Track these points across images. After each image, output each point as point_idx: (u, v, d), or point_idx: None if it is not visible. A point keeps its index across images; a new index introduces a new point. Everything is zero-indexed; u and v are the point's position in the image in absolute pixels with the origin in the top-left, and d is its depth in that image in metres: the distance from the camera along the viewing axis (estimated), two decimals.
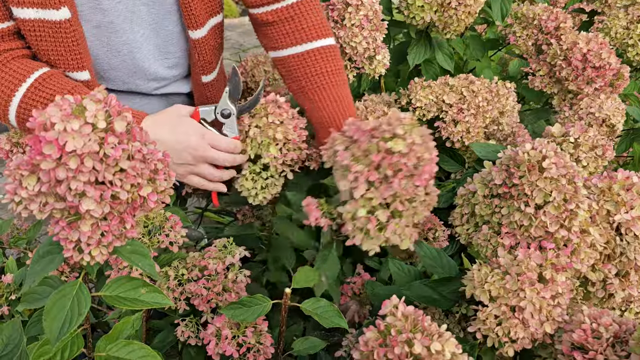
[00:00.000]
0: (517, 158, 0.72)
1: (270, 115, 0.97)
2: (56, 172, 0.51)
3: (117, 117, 0.53)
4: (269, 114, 0.97)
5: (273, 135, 0.97)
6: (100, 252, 0.57)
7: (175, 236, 0.91)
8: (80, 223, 0.54)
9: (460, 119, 1.18)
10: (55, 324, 0.63)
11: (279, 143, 0.99)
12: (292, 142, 0.99)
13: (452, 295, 0.92)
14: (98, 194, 0.53)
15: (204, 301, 0.92)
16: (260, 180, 1.02)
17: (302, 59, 1.03)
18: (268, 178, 1.02)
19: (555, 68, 1.28)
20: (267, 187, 1.02)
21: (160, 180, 0.59)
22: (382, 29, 1.14)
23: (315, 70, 1.03)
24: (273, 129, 0.97)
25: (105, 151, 0.52)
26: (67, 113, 0.51)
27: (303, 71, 1.03)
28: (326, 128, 1.04)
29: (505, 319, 0.66)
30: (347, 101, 1.05)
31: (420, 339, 0.51)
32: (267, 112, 0.97)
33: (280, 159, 0.99)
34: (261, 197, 1.03)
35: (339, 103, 1.03)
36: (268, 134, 0.97)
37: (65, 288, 0.65)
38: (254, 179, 1.02)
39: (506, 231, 0.73)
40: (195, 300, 0.92)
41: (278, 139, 0.98)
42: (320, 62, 1.03)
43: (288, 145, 1.00)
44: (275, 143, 0.98)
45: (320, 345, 0.95)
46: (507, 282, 0.66)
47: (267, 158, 0.99)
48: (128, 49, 1.04)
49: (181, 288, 0.94)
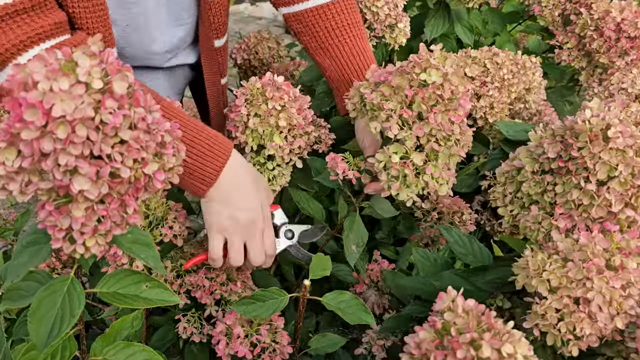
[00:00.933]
0: (576, 127, 0.62)
1: (269, 101, 0.85)
2: (41, 144, 0.41)
3: (116, 76, 0.43)
4: (268, 99, 0.85)
5: (275, 123, 0.86)
6: (97, 242, 0.47)
7: (179, 228, 0.81)
8: (71, 207, 0.45)
9: (484, 92, 1.09)
10: (43, 326, 0.54)
11: (283, 130, 0.87)
12: (297, 127, 0.88)
13: (487, 286, 0.83)
14: (93, 170, 0.43)
15: (207, 293, 0.82)
16: (267, 172, 0.91)
17: (320, 12, 0.94)
18: (274, 168, 0.92)
19: (584, 40, 1.19)
20: (274, 179, 0.92)
21: (168, 156, 0.49)
22: None
23: (335, 23, 0.94)
24: (275, 116, 0.85)
25: (102, 117, 0.42)
26: (53, 69, 0.41)
27: (322, 25, 0.94)
28: (349, 84, 0.95)
29: (568, 312, 0.57)
30: (369, 55, 0.97)
31: (489, 340, 0.42)
32: (266, 98, 0.85)
33: (286, 147, 0.88)
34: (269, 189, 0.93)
35: (363, 57, 0.95)
36: (270, 122, 0.86)
37: (54, 284, 0.56)
38: (259, 171, 0.91)
39: (561, 212, 0.64)
40: (197, 292, 0.83)
41: (281, 127, 0.86)
42: (341, 14, 0.94)
43: (293, 131, 0.88)
44: (279, 131, 0.87)
45: (340, 342, 0.86)
46: (569, 270, 0.57)
47: (272, 149, 0.87)
48: (144, 19, 0.95)
49: (180, 280, 0.84)
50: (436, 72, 0.66)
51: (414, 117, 0.68)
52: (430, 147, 0.69)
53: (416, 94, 0.67)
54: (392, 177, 0.71)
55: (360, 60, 0.95)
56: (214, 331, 0.74)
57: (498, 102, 1.10)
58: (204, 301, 0.84)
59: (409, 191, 0.72)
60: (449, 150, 0.70)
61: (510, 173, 0.72)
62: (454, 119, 0.69)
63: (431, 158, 0.70)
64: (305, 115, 0.88)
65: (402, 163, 0.70)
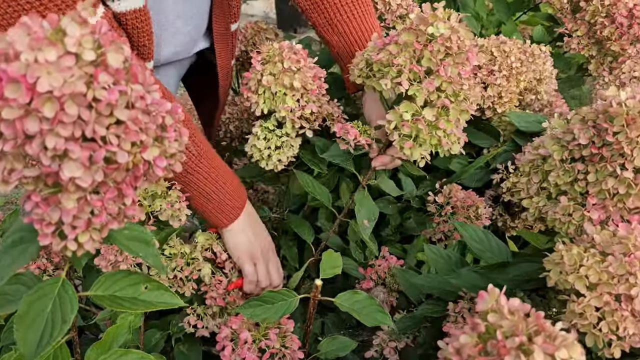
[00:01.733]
0: (611, 110, 0.57)
1: (286, 61, 0.83)
2: (25, 124, 0.36)
3: (110, 47, 0.38)
4: (284, 59, 0.83)
5: (290, 83, 0.83)
6: (91, 237, 0.41)
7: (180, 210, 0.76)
8: (61, 197, 0.39)
9: (491, 81, 1.04)
10: (32, 334, 0.48)
11: (296, 93, 0.85)
12: (311, 93, 0.86)
13: (509, 283, 0.78)
14: (86, 154, 0.37)
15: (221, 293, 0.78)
16: (274, 139, 0.89)
17: None
18: (282, 136, 0.89)
19: (595, 27, 1.14)
20: (281, 147, 0.89)
21: (169, 140, 0.44)
22: None
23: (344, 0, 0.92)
24: (289, 76, 0.83)
25: (95, 93, 0.37)
26: (38, 37, 0.35)
27: (331, 2, 0.92)
28: None
29: (609, 311, 0.52)
30: (378, 31, 0.94)
31: (541, 344, 0.37)
32: (282, 58, 0.83)
33: (298, 111, 0.86)
34: (275, 159, 0.89)
35: (371, 33, 0.93)
36: (284, 82, 0.83)
37: (43, 287, 0.50)
38: (266, 138, 0.89)
39: (594, 202, 0.60)
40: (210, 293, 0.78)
41: (296, 88, 0.84)
42: None
43: (307, 96, 0.86)
44: (292, 93, 0.85)
45: (351, 345, 0.81)
46: (609, 264, 0.52)
47: (283, 111, 0.85)
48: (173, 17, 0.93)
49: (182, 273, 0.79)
50: (443, 25, 0.67)
51: (423, 73, 0.69)
52: (442, 102, 0.70)
53: (425, 47, 0.68)
54: (405, 136, 0.72)
55: (369, 36, 0.92)
56: (218, 336, 0.69)
57: (506, 92, 1.06)
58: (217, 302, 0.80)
59: (422, 150, 0.73)
60: (459, 105, 0.71)
61: (535, 162, 0.67)
62: (462, 73, 0.70)
63: (442, 114, 0.71)
64: (320, 84, 0.87)
65: (414, 120, 0.70)
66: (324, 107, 0.89)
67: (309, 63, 0.85)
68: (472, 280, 0.78)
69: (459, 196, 0.98)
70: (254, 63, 0.84)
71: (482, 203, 0.96)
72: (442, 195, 1.01)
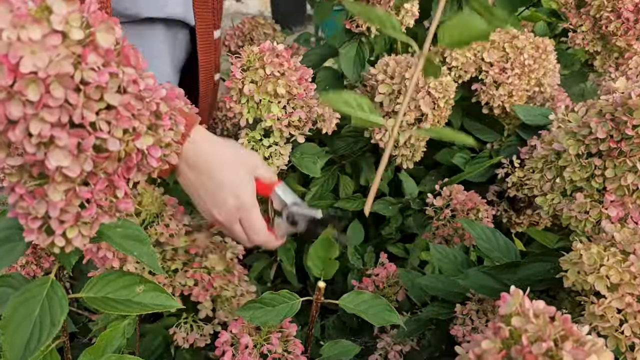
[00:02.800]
0: (630, 102, 0.55)
1: (267, 66, 0.77)
2: (7, 108, 0.33)
3: (99, 27, 0.35)
4: (265, 64, 0.77)
5: (273, 90, 0.77)
6: (80, 232, 0.38)
7: (177, 226, 0.72)
8: (47, 189, 0.36)
9: (503, 80, 1.01)
10: (18, 338, 0.45)
11: (282, 100, 0.79)
12: (298, 98, 0.80)
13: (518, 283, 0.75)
14: (74, 142, 0.34)
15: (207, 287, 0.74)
16: (262, 150, 0.82)
17: None
18: (271, 146, 0.83)
19: (600, 22, 1.12)
20: (271, 158, 0.83)
21: (164, 129, 0.41)
22: None
23: None
24: (273, 82, 0.77)
25: (83, 75, 0.34)
26: (21, 14, 0.32)
27: None
28: None
29: (632, 313, 0.49)
30: None
31: (570, 350, 0.34)
32: (264, 63, 0.77)
33: (285, 119, 0.79)
34: None
35: None
36: (267, 89, 0.77)
37: (31, 288, 0.47)
38: (254, 149, 0.82)
39: (612, 199, 0.57)
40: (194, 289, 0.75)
41: (280, 95, 0.78)
42: None
43: (293, 102, 0.80)
44: (278, 100, 0.79)
45: (354, 350, 0.78)
46: (632, 264, 0.50)
47: (269, 120, 0.79)
48: None
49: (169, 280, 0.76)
50: None
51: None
52: None
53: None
54: None
55: None
56: (218, 341, 0.65)
57: (518, 90, 1.03)
58: (201, 299, 0.76)
59: None
60: None
61: (549, 158, 0.64)
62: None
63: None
64: (308, 86, 0.80)
65: None
66: (313, 110, 0.83)
67: (293, 64, 0.79)
68: (481, 281, 0.75)
69: (459, 198, 0.94)
70: (233, 70, 0.78)
71: (483, 205, 0.93)
72: (442, 197, 0.98)
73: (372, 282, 0.95)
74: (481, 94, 1.03)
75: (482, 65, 1.02)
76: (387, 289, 0.94)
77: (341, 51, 1.05)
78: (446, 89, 0.90)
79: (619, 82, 0.89)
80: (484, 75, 1.02)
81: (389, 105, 0.94)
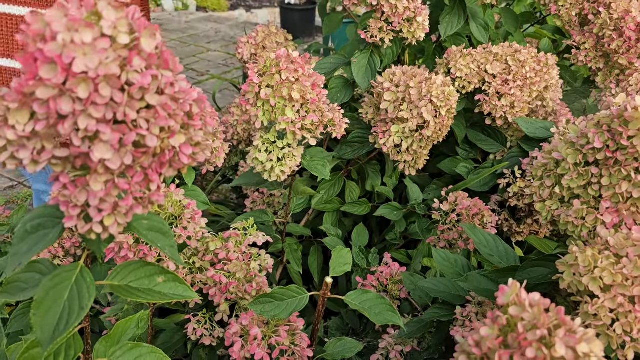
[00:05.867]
0: (626, 114, 0.58)
1: (283, 72, 0.81)
2: (58, 104, 0.36)
3: (144, 32, 0.38)
4: (281, 70, 0.81)
5: (288, 94, 0.82)
6: (116, 220, 0.41)
7: (194, 229, 0.75)
8: (90, 179, 0.39)
9: (505, 91, 1.05)
10: (48, 320, 0.48)
11: (296, 104, 0.83)
12: (311, 103, 0.84)
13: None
14: (116, 137, 0.38)
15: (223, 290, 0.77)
16: (276, 151, 0.86)
17: None
18: (284, 147, 0.87)
19: (603, 40, 1.16)
20: (284, 159, 0.87)
21: (195, 128, 0.44)
22: None
23: None
24: (288, 87, 0.81)
25: (128, 76, 0.37)
26: (75, 19, 0.36)
27: None
28: None
29: (624, 312, 0.52)
30: None
31: (563, 337, 0.37)
32: (280, 69, 0.81)
33: (298, 122, 0.83)
34: (278, 170, 0.87)
35: None
36: (282, 93, 0.81)
37: (61, 273, 0.50)
38: (267, 150, 0.86)
39: (607, 206, 0.60)
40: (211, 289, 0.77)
41: (295, 99, 0.82)
42: None
43: (306, 106, 0.84)
44: (292, 104, 0.83)
45: (357, 347, 0.81)
46: (624, 266, 0.53)
47: (283, 123, 0.83)
48: None
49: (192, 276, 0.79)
50: None
51: None
52: None
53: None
54: None
55: None
56: (228, 332, 0.68)
57: (520, 101, 1.07)
58: (217, 300, 0.79)
59: None
60: None
61: (548, 166, 0.67)
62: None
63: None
64: (320, 92, 0.84)
65: None
66: (325, 115, 0.87)
67: (307, 71, 0.83)
68: (481, 284, 0.78)
69: (464, 204, 0.98)
70: (250, 75, 0.82)
71: (488, 211, 0.96)
72: (448, 202, 1.01)
73: (376, 279, 0.99)
74: (484, 104, 1.07)
75: (486, 76, 1.05)
76: (392, 285, 0.98)
77: (353, 60, 1.09)
78: (448, 98, 0.94)
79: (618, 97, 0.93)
80: (487, 87, 1.06)
81: (393, 111, 0.98)
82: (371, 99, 1.07)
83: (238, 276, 0.75)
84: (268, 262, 0.81)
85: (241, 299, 0.80)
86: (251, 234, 0.82)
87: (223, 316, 0.81)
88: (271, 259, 0.82)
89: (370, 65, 1.08)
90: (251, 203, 1.25)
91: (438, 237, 1.01)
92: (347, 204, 1.17)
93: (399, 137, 0.98)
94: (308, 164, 0.92)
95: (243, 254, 0.80)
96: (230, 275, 0.75)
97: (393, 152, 1.03)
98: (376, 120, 1.05)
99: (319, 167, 0.93)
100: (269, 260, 0.81)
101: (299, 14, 4.75)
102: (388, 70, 1.02)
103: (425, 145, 1.01)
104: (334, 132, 0.92)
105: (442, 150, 1.25)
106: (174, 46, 4.66)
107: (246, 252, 0.81)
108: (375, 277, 1.00)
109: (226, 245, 0.77)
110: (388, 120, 1.00)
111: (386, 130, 1.00)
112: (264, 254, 0.81)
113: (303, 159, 0.91)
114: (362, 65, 1.08)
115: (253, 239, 0.80)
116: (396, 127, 0.98)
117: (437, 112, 0.94)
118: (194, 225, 0.76)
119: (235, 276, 0.74)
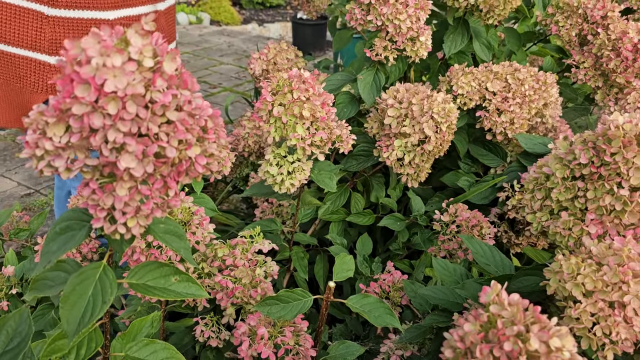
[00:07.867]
0: (609, 133, 0.62)
1: (295, 91, 0.86)
2: (91, 119, 0.41)
3: (166, 56, 0.44)
4: (293, 89, 0.86)
5: (300, 112, 0.87)
6: (138, 222, 0.46)
7: (202, 234, 0.80)
8: (115, 185, 0.44)
9: (505, 108, 1.09)
10: (74, 313, 0.53)
11: (306, 122, 0.89)
12: (320, 120, 0.90)
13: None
14: (140, 148, 0.43)
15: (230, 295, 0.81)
16: (286, 165, 0.92)
17: None
18: (294, 162, 0.92)
19: (601, 60, 1.20)
20: (293, 172, 0.92)
21: (210, 141, 0.49)
22: (426, 9, 1.05)
23: None
24: (299, 105, 0.87)
25: (152, 95, 0.42)
26: (107, 45, 0.41)
27: None
28: None
29: (603, 316, 0.56)
30: None
31: (537, 332, 0.42)
32: (292, 88, 0.87)
33: (308, 139, 0.89)
34: (288, 183, 0.92)
35: None
36: (294, 111, 0.87)
37: (86, 271, 0.55)
38: (278, 164, 0.92)
39: (592, 218, 0.64)
40: (218, 294, 0.82)
41: (305, 117, 0.88)
42: None
43: (316, 123, 0.90)
44: (302, 122, 0.89)
45: (359, 350, 0.85)
46: (605, 273, 0.57)
47: (294, 139, 0.88)
48: None
49: (200, 281, 0.84)
50: None
51: None
52: None
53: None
54: None
55: None
56: (236, 332, 0.73)
57: (519, 118, 1.11)
58: (223, 304, 0.83)
59: None
60: None
61: (539, 180, 0.72)
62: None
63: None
64: (329, 110, 0.89)
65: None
66: (333, 132, 0.93)
67: (317, 90, 0.89)
68: (477, 291, 0.82)
69: (464, 215, 1.02)
70: (264, 94, 0.87)
71: (486, 223, 1.00)
72: (448, 214, 1.06)
73: (378, 286, 1.03)
74: (484, 120, 1.11)
75: (486, 94, 1.10)
76: (393, 292, 1.02)
77: (360, 77, 1.14)
78: (448, 115, 0.98)
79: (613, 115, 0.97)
80: (487, 103, 1.10)
81: (396, 127, 1.02)
82: (376, 114, 1.12)
83: (244, 282, 0.79)
84: (273, 268, 0.85)
85: (246, 303, 0.84)
86: (257, 241, 0.86)
87: (229, 319, 0.86)
88: (276, 266, 0.86)
89: (375, 82, 1.13)
90: (260, 212, 1.30)
91: (439, 247, 1.05)
92: (352, 215, 1.21)
93: (402, 150, 1.03)
94: (316, 177, 0.97)
95: (249, 260, 0.84)
96: (236, 281, 0.80)
97: (396, 165, 1.07)
98: (380, 135, 1.10)
99: (326, 180, 0.98)
100: (274, 267, 0.85)
101: (310, 28, 4.84)
102: (392, 87, 1.07)
103: (427, 159, 1.06)
104: (341, 147, 0.97)
105: (445, 164, 1.29)
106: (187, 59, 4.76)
107: (252, 258, 0.86)
108: (377, 284, 1.04)
109: (233, 252, 0.82)
110: (391, 135, 1.04)
111: (389, 144, 1.05)
112: (270, 261, 0.86)
113: (311, 172, 0.96)
114: (367, 82, 1.13)
115: (259, 246, 0.84)
116: (399, 141, 1.02)
117: (437, 127, 0.99)
118: (202, 230, 0.80)
119: (241, 282, 0.79)
